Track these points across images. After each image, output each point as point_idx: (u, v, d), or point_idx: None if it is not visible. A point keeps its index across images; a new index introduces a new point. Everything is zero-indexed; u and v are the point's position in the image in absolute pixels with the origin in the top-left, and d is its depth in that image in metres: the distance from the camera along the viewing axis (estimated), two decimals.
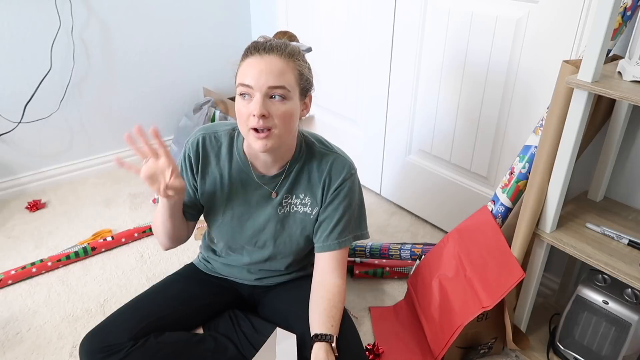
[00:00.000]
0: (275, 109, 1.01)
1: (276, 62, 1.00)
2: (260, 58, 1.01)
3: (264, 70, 0.99)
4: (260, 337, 1.17)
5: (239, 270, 1.29)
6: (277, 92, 1.00)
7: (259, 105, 0.99)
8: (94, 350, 1.06)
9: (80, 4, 1.99)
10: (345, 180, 1.16)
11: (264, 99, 1.00)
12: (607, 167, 1.26)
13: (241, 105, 1.02)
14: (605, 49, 0.96)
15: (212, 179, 1.17)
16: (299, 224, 1.19)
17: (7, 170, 2.05)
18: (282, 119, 1.02)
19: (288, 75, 1.02)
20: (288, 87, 1.01)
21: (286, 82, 1.01)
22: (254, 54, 1.02)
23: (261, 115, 0.99)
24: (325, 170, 1.16)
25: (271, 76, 0.99)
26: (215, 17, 2.40)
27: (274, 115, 1.01)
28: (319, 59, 2.16)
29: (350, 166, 1.18)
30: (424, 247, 1.65)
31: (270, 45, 1.02)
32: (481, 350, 1.31)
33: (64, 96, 2.06)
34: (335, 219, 1.17)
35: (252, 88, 1.00)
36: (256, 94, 1.00)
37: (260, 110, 0.99)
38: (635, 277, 1.03)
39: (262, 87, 0.99)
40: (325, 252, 1.17)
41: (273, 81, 0.99)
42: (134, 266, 1.67)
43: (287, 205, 1.18)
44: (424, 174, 1.87)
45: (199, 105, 2.30)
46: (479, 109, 1.60)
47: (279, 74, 1.00)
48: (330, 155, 1.17)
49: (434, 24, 1.64)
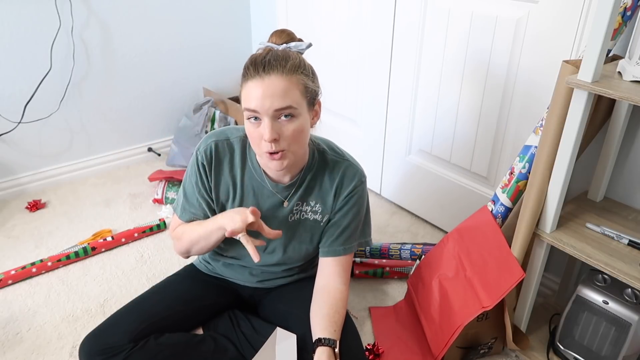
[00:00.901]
0: (286, 129, 1.00)
1: (278, 82, 0.97)
2: (261, 81, 0.97)
3: (267, 94, 0.96)
4: (260, 338, 1.17)
5: (241, 272, 1.28)
6: (285, 112, 0.98)
7: (269, 130, 0.97)
8: (94, 352, 1.06)
9: (80, 4, 1.99)
10: (356, 187, 1.16)
11: (272, 122, 0.98)
12: (607, 167, 1.26)
13: (251, 129, 1.01)
14: (605, 49, 0.96)
15: (226, 186, 1.16)
16: (309, 231, 1.19)
17: (7, 170, 2.05)
18: (293, 138, 1.01)
19: (293, 93, 0.98)
20: (295, 105, 0.99)
21: (292, 101, 0.98)
22: (254, 76, 0.98)
23: (272, 140, 0.98)
24: (337, 178, 1.16)
25: (276, 99, 0.97)
26: (215, 18, 2.40)
27: (284, 135, 1.00)
28: (319, 59, 2.16)
29: (361, 174, 1.18)
30: (424, 247, 1.65)
31: (269, 63, 0.98)
32: (481, 350, 1.31)
33: (64, 96, 2.06)
34: (343, 226, 1.17)
35: (259, 113, 0.98)
36: (264, 117, 0.98)
37: (271, 136, 0.98)
38: (635, 277, 1.03)
39: (268, 111, 0.97)
40: (330, 257, 1.18)
41: (278, 103, 0.97)
42: (134, 266, 1.67)
43: (297, 213, 1.18)
44: (424, 174, 1.87)
45: (199, 105, 2.30)
46: (479, 109, 1.60)
47: (283, 95, 0.97)
48: (342, 162, 1.17)
49: (434, 24, 1.64)
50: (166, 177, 2.01)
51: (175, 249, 1.22)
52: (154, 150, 2.39)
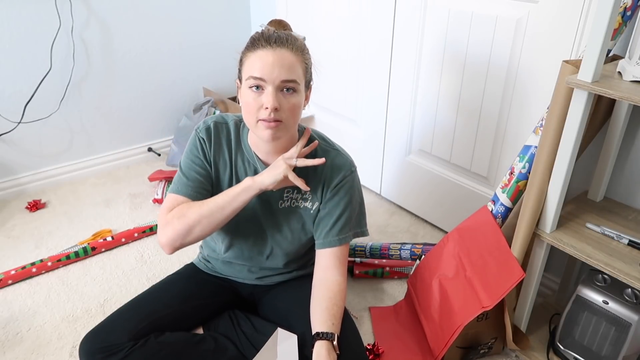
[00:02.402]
0: (286, 102, 1.03)
1: (288, 55, 1.01)
2: (273, 51, 1.01)
3: (277, 64, 1.00)
4: (261, 337, 1.17)
5: (240, 269, 1.28)
6: (289, 86, 1.02)
7: (272, 98, 1.00)
8: (94, 350, 1.06)
9: (80, 4, 1.99)
10: (346, 177, 1.16)
11: (276, 92, 1.01)
12: (607, 167, 1.26)
13: (251, 98, 1.02)
14: (605, 49, 0.96)
15: (224, 166, 1.17)
16: (300, 219, 1.20)
17: (7, 170, 2.05)
18: (291, 111, 1.04)
19: (298, 69, 1.03)
20: (298, 81, 1.03)
21: (297, 76, 1.03)
22: (265, 46, 1.01)
23: (274, 109, 1.01)
24: (326, 167, 1.16)
25: (284, 70, 1.00)
26: (215, 17, 2.40)
27: (284, 107, 1.03)
28: (319, 58, 2.16)
29: (351, 164, 1.19)
30: (424, 247, 1.65)
31: (280, 37, 1.03)
32: (481, 350, 1.31)
33: (64, 96, 2.06)
34: (336, 216, 1.17)
35: (265, 81, 1.00)
36: (268, 87, 1.01)
37: (274, 104, 1.00)
38: (635, 277, 1.03)
39: (275, 80, 1.00)
40: (326, 248, 1.18)
41: (286, 75, 1.01)
42: (134, 266, 1.67)
43: (287, 200, 1.19)
44: (424, 174, 1.87)
45: (199, 105, 2.30)
46: (479, 109, 1.60)
47: (290, 68, 1.01)
48: (331, 152, 1.18)
49: (434, 24, 1.64)
50: (166, 177, 2.01)
51: (164, 237, 1.09)
52: (154, 150, 2.39)
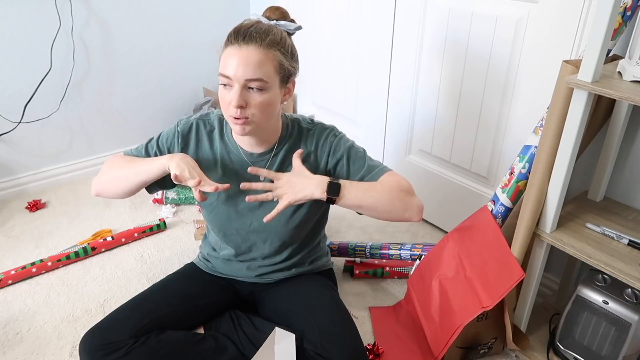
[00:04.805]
0: (253, 99, 1.04)
1: (254, 53, 1.01)
2: (239, 49, 1.02)
3: (241, 63, 1.01)
4: (262, 336, 1.17)
5: (239, 267, 1.29)
6: (255, 85, 1.03)
7: (237, 96, 1.02)
8: (94, 347, 1.07)
9: (80, 4, 1.99)
10: (332, 143, 1.18)
11: (241, 90, 1.02)
12: (607, 167, 1.26)
13: (223, 94, 1.05)
14: (605, 49, 0.96)
15: (206, 162, 1.19)
16: None
17: (7, 170, 2.05)
18: (259, 109, 1.05)
19: (266, 67, 1.03)
20: (266, 79, 1.03)
21: (264, 75, 1.02)
22: (233, 43, 1.03)
23: (238, 106, 1.02)
24: (313, 143, 1.19)
25: (248, 69, 1.01)
26: (215, 17, 2.40)
27: (251, 105, 1.04)
28: (319, 58, 2.16)
29: (332, 129, 1.21)
30: (424, 247, 1.65)
31: (250, 33, 1.03)
32: (481, 350, 1.31)
33: (64, 96, 2.06)
34: (355, 169, 1.17)
35: (231, 79, 1.02)
36: (235, 84, 1.02)
37: (238, 102, 1.02)
38: (635, 277, 1.03)
39: (239, 79, 1.01)
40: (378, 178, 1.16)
41: (250, 74, 1.01)
42: (134, 266, 1.67)
43: None
44: (424, 174, 1.87)
45: (199, 105, 2.31)
46: (479, 109, 1.60)
47: (256, 67, 1.01)
48: (314, 128, 1.20)
49: (434, 24, 1.64)
50: None
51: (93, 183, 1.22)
52: None
